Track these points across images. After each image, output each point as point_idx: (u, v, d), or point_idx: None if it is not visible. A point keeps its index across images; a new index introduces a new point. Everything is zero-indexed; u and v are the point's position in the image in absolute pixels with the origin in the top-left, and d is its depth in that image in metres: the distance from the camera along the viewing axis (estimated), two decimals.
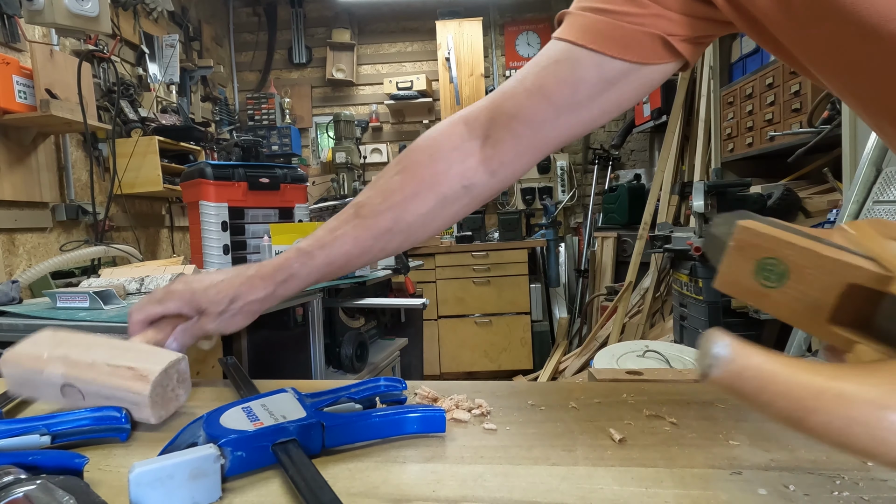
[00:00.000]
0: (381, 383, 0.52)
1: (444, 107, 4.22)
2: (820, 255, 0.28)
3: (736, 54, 3.12)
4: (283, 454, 0.40)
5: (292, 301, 1.55)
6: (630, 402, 0.54)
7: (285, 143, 4.14)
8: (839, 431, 0.19)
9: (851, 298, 0.27)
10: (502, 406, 0.53)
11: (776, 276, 0.29)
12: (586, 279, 4.30)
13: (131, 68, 3.23)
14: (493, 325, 3.84)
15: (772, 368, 0.19)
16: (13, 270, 2.35)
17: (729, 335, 0.20)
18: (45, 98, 2.21)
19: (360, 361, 1.83)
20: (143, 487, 0.34)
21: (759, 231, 0.29)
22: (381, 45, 4.70)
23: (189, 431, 0.43)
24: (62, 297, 1.27)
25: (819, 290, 0.28)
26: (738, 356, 0.19)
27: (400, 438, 0.46)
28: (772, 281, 0.29)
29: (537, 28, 4.53)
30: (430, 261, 3.81)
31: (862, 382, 0.19)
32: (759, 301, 0.30)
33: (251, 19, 4.74)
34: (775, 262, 0.29)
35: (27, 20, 2.09)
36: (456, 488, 0.38)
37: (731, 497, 0.36)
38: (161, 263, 1.70)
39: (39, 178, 2.49)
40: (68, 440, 0.46)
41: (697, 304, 2.39)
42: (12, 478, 0.33)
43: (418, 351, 2.45)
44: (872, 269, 0.26)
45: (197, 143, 3.20)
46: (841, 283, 0.27)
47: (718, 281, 0.31)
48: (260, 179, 2.07)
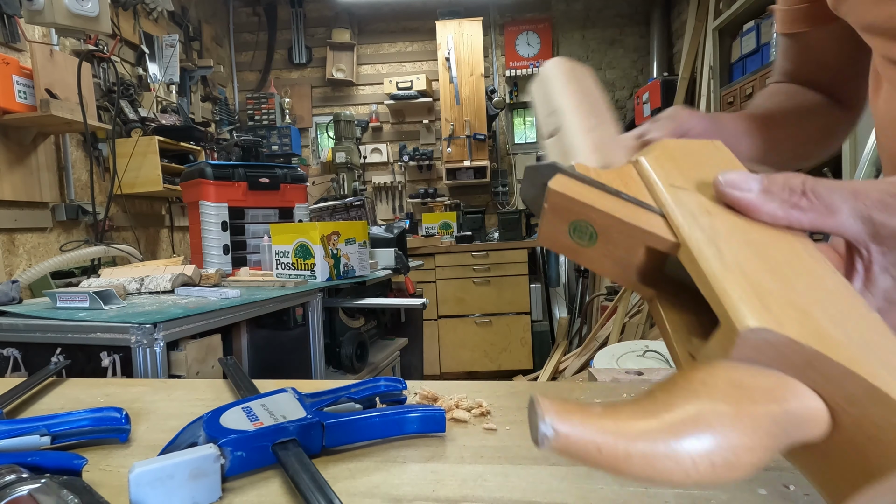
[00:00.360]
0: (381, 383, 0.52)
1: (444, 107, 4.22)
2: (620, 220, 0.29)
3: (736, 54, 3.12)
4: (283, 454, 0.40)
5: (292, 301, 1.55)
6: None
7: (285, 143, 4.14)
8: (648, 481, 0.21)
9: (650, 256, 0.29)
10: (502, 406, 0.53)
11: (587, 236, 0.30)
12: (586, 279, 4.30)
13: (131, 68, 3.23)
14: (493, 325, 3.84)
15: (585, 438, 0.21)
16: (13, 270, 2.35)
17: (552, 405, 0.21)
18: (45, 98, 2.21)
19: (360, 361, 1.83)
20: (143, 487, 0.34)
21: (568, 195, 0.29)
22: (381, 45, 4.70)
23: (189, 431, 0.43)
24: (62, 297, 1.27)
25: (623, 249, 0.30)
26: (559, 434, 0.21)
27: (400, 438, 0.46)
28: (584, 240, 0.31)
29: (537, 28, 4.53)
30: (430, 261, 3.81)
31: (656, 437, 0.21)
32: (576, 257, 0.32)
33: (251, 19, 4.74)
34: (585, 224, 0.30)
35: (27, 20, 2.09)
36: (456, 488, 0.38)
37: (731, 497, 0.36)
38: (161, 263, 1.70)
39: (39, 178, 2.49)
40: (68, 441, 0.46)
41: None
42: (15, 476, 0.33)
43: (418, 351, 2.45)
44: (664, 237, 0.28)
45: (197, 143, 3.20)
46: (639, 245, 0.29)
47: (539, 238, 0.32)
48: (260, 179, 2.07)
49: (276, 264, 1.78)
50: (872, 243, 0.27)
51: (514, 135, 4.70)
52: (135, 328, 1.03)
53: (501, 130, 4.66)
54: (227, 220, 1.99)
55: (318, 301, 1.66)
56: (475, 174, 4.26)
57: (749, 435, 0.21)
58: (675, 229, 0.28)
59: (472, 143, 4.18)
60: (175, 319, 1.08)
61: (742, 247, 0.26)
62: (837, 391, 0.22)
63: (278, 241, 1.77)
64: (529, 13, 4.59)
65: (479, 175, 4.25)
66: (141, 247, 3.02)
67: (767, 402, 0.22)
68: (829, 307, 0.24)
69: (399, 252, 2.25)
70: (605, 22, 4.58)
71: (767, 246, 0.27)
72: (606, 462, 0.21)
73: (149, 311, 1.16)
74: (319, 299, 1.67)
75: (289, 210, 2.19)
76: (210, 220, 1.96)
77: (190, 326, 1.13)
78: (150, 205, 3.31)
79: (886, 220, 0.26)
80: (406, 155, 4.56)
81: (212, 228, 1.97)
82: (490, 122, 4.33)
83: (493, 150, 4.60)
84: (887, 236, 0.26)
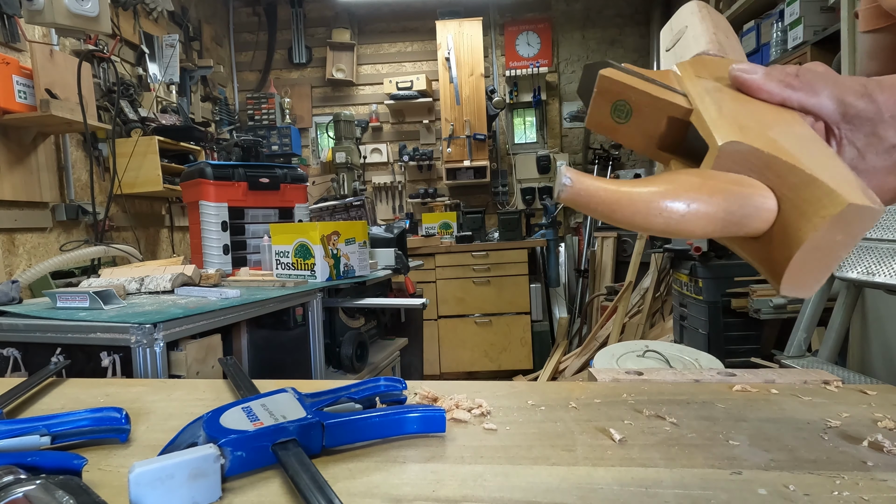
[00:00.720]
0: (381, 383, 0.52)
1: (444, 107, 4.22)
2: (651, 95, 0.37)
3: None
4: (283, 454, 0.40)
5: (292, 301, 1.55)
6: (630, 402, 0.54)
7: (285, 143, 4.14)
8: (630, 219, 0.29)
9: (672, 127, 0.37)
10: (502, 406, 0.53)
11: (625, 114, 0.38)
12: (586, 279, 4.30)
13: (131, 68, 3.23)
14: (492, 325, 3.84)
15: (595, 187, 0.29)
16: (13, 270, 2.35)
17: (572, 170, 0.29)
18: (45, 98, 2.21)
19: (360, 361, 1.83)
20: (143, 487, 0.34)
21: (612, 78, 0.37)
22: (381, 45, 4.70)
23: (189, 431, 0.43)
24: (62, 297, 1.27)
25: (651, 122, 0.37)
26: (575, 183, 0.29)
27: (400, 438, 0.46)
28: (622, 118, 0.38)
29: (537, 28, 4.53)
30: (430, 261, 3.81)
31: (641, 187, 0.30)
32: (614, 135, 0.40)
33: (251, 19, 4.74)
34: (624, 103, 0.38)
35: (27, 20, 2.09)
36: (456, 488, 0.38)
37: (731, 497, 0.36)
38: (161, 263, 1.70)
39: (39, 178, 2.49)
40: (68, 441, 0.46)
41: (697, 303, 2.39)
42: (12, 478, 0.33)
43: (418, 351, 2.45)
44: (681, 105, 0.36)
45: (197, 143, 3.20)
46: (664, 116, 0.37)
47: (587, 121, 0.40)
48: (260, 179, 2.07)
49: (276, 264, 1.78)
50: (842, 122, 0.34)
51: (514, 135, 4.70)
52: (135, 328, 1.03)
53: (501, 130, 4.65)
54: (227, 220, 1.99)
55: (318, 301, 1.66)
56: (475, 174, 4.26)
57: (708, 201, 0.30)
58: (691, 101, 0.35)
59: (472, 143, 4.18)
60: (175, 319, 1.08)
61: (739, 107, 0.34)
62: (784, 183, 0.31)
63: (278, 241, 1.77)
64: (529, 13, 4.59)
65: (479, 175, 4.25)
66: (141, 247, 3.02)
67: (729, 183, 0.31)
68: (792, 138, 0.32)
69: (399, 252, 2.25)
70: (605, 22, 4.58)
71: (760, 111, 0.34)
72: (605, 204, 0.29)
73: (149, 311, 1.16)
74: (319, 299, 1.67)
75: (289, 210, 2.19)
76: (210, 220, 1.96)
77: (190, 326, 1.13)
78: (150, 205, 3.31)
79: (854, 102, 0.33)
80: (406, 155, 4.56)
81: (212, 228, 1.97)
82: (490, 122, 4.33)
83: (493, 150, 4.60)
84: (854, 115, 0.33)
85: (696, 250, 2.28)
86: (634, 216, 0.29)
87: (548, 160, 4.45)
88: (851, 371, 1.53)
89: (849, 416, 0.49)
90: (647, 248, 3.50)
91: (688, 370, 0.64)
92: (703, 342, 2.33)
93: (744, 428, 0.47)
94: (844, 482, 0.37)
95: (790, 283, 0.31)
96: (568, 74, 4.62)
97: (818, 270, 0.30)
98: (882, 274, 1.35)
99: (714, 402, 0.53)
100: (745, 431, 0.46)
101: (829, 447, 0.42)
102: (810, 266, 0.30)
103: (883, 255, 1.37)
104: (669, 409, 0.51)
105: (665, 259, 3.19)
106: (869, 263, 1.40)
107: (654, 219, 0.29)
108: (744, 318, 2.23)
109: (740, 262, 2.27)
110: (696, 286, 2.37)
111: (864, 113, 0.33)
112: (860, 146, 0.33)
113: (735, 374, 0.63)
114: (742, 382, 0.59)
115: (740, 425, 0.47)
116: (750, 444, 0.43)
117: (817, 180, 0.29)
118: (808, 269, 0.30)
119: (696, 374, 0.63)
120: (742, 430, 0.46)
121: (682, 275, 2.53)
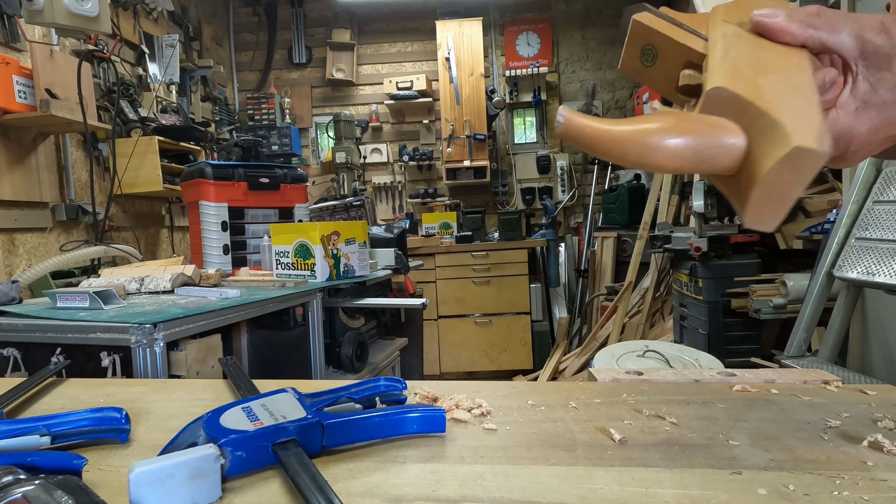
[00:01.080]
0: (381, 383, 0.52)
1: (444, 107, 4.22)
2: (673, 39, 0.39)
3: None
4: (283, 454, 0.40)
5: (292, 301, 1.55)
6: (630, 402, 0.54)
7: (285, 143, 4.14)
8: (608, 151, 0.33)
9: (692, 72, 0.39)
10: (502, 406, 0.53)
11: (651, 58, 0.41)
12: (586, 279, 4.30)
13: (131, 68, 3.23)
14: (492, 325, 3.84)
15: (586, 123, 0.33)
16: (13, 270, 2.35)
17: (567, 108, 0.33)
18: (45, 98, 2.21)
19: (360, 361, 1.83)
20: (143, 487, 0.34)
21: (642, 23, 0.40)
22: (381, 44, 4.70)
23: (189, 431, 0.43)
24: (62, 297, 1.27)
25: (672, 65, 0.40)
26: (567, 119, 0.33)
27: (400, 438, 0.46)
28: (648, 61, 0.41)
29: (537, 28, 4.53)
30: (430, 261, 3.81)
31: (623, 125, 0.33)
32: (643, 77, 0.42)
33: (251, 19, 4.74)
34: (651, 47, 0.40)
35: (27, 20, 2.09)
36: (456, 488, 0.38)
37: (731, 497, 0.36)
38: (161, 263, 1.70)
39: (39, 178, 2.49)
40: (68, 441, 0.46)
41: (697, 303, 2.39)
42: (12, 478, 0.33)
43: (418, 351, 2.45)
44: (698, 50, 0.38)
45: (197, 143, 3.20)
46: (682, 60, 0.39)
47: (621, 65, 0.43)
48: (260, 179, 2.07)
49: (276, 264, 1.78)
50: (860, 58, 0.35)
51: (514, 135, 4.70)
52: (135, 328, 1.03)
53: (501, 130, 4.66)
54: (227, 220, 1.99)
55: (318, 301, 1.66)
56: (475, 174, 4.26)
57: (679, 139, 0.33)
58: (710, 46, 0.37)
59: (471, 143, 4.18)
60: (175, 319, 1.08)
61: (746, 54, 0.36)
62: (754, 126, 0.33)
63: (278, 241, 1.77)
64: (529, 13, 4.59)
65: (478, 175, 4.25)
66: (141, 247, 3.02)
67: (702, 124, 0.34)
68: (780, 86, 0.34)
69: (399, 252, 2.25)
70: (605, 22, 4.58)
71: (768, 57, 0.36)
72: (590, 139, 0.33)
73: (149, 311, 1.16)
74: (319, 299, 1.67)
75: (289, 210, 2.19)
76: (210, 220, 1.96)
77: (190, 326, 1.13)
78: (150, 205, 3.31)
79: (873, 38, 0.35)
80: (406, 155, 4.56)
81: (212, 228, 1.97)
82: (490, 122, 4.33)
83: (492, 150, 4.60)
84: (871, 52, 0.35)
85: (696, 250, 2.28)
86: (612, 149, 0.33)
87: (548, 160, 4.45)
88: (851, 371, 1.53)
89: (849, 416, 0.49)
90: (647, 248, 3.50)
91: (688, 370, 0.64)
92: (703, 342, 2.33)
93: (744, 428, 0.47)
94: (844, 482, 0.37)
95: (752, 216, 0.34)
96: (568, 74, 4.62)
97: (776, 206, 0.34)
98: (882, 274, 1.35)
99: (714, 402, 0.53)
100: (744, 431, 0.46)
101: (829, 447, 0.42)
102: (769, 202, 0.33)
103: (883, 255, 1.37)
104: (669, 409, 0.51)
105: (665, 259, 3.19)
106: (869, 263, 1.40)
107: (629, 152, 0.33)
108: (744, 318, 2.23)
109: (740, 262, 2.27)
110: (696, 286, 2.37)
111: (881, 48, 0.35)
112: (873, 81, 0.35)
113: (735, 374, 0.63)
114: (742, 382, 0.59)
115: (740, 425, 0.47)
116: (750, 444, 0.43)
117: (778, 123, 0.32)
118: (767, 205, 0.34)
119: (696, 374, 0.63)
120: (742, 430, 0.46)
121: (682, 275, 2.53)
